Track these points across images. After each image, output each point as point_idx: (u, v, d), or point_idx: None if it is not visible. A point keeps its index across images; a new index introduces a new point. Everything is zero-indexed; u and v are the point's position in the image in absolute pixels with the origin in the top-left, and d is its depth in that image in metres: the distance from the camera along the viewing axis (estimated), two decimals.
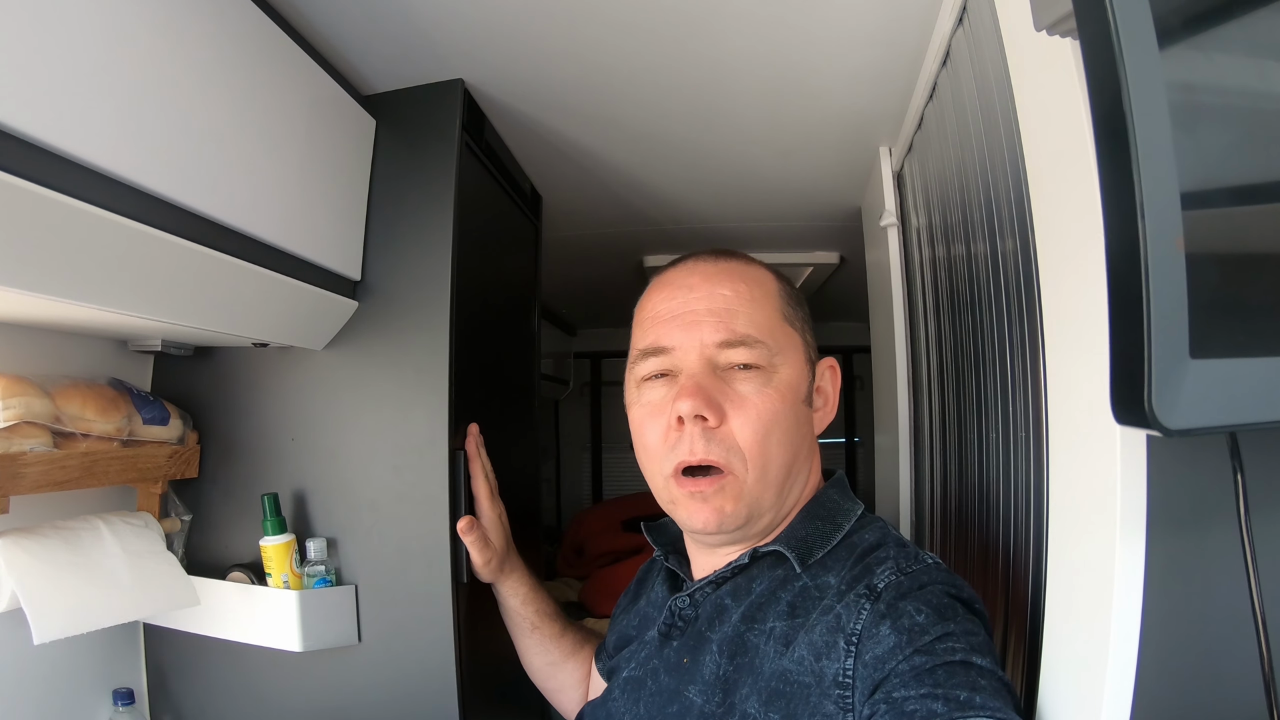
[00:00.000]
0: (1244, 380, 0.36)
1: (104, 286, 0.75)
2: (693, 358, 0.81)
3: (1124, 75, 0.32)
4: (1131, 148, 0.32)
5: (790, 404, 0.82)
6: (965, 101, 0.99)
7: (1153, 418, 0.34)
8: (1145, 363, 0.33)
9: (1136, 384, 0.34)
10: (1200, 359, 0.34)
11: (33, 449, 0.88)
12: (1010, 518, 0.87)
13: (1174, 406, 0.34)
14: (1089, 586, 0.60)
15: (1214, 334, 0.35)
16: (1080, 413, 0.63)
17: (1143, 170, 0.32)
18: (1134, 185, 0.32)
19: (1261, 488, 0.50)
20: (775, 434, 0.80)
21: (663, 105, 1.31)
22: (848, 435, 3.44)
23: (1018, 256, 0.81)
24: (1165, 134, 0.33)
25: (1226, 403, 0.36)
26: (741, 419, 0.79)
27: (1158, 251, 0.32)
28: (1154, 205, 0.32)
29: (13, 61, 0.58)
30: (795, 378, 0.83)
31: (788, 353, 0.83)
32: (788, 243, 2.19)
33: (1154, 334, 0.33)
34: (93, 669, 1.07)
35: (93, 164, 0.66)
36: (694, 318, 0.82)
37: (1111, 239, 0.34)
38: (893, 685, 0.63)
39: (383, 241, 1.14)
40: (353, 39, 1.07)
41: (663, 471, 0.83)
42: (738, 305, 0.82)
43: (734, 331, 0.81)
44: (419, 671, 1.07)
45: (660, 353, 0.83)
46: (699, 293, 0.83)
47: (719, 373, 0.81)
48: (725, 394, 0.80)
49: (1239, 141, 0.38)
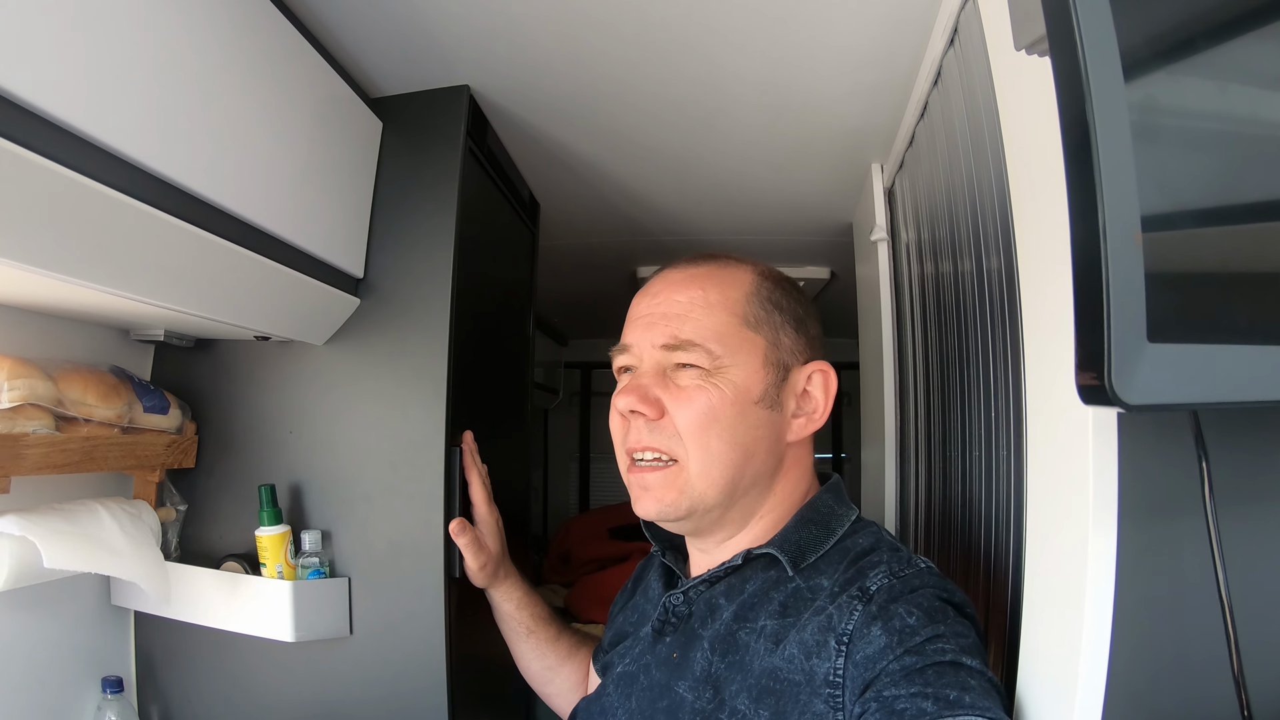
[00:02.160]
0: (1199, 364, 0.40)
1: (118, 269, 0.77)
2: (645, 357, 0.86)
3: (1087, 81, 0.35)
4: (1094, 149, 0.35)
5: (734, 402, 0.82)
6: (955, 120, 1.02)
7: (1113, 395, 0.37)
8: (1105, 344, 0.36)
9: (1098, 364, 0.37)
10: (1158, 343, 0.38)
11: (35, 431, 0.89)
12: (991, 529, 0.89)
13: (1132, 384, 0.37)
14: (1064, 575, 0.62)
15: (1171, 321, 0.38)
16: (1055, 410, 0.65)
17: (1103, 167, 0.35)
18: (1095, 181, 0.35)
19: (1228, 479, 0.54)
20: (715, 429, 0.82)
21: (660, 117, 1.34)
22: (834, 451, 3.46)
23: (1002, 274, 0.84)
24: (1126, 140, 0.36)
25: (1182, 383, 0.39)
26: (680, 410, 0.83)
27: (1116, 243, 0.35)
28: (1113, 200, 0.35)
29: (47, 50, 0.61)
30: (746, 379, 0.84)
31: (740, 355, 0.84)
32: (779, 257, 2.23)
33: (1113, 318, 0.36)
34: (82, 657, 1.08)
35: (114, 148, 0.69)
36: (649, 321, 0.87)
37: (1076, 232, 0.38)
38: (883, 684, 0.65)
39: (386, 241, 1.17)
40: (364, 42, 1.10)
41: (622, 464, 0.88)
42: (689, 310, 0.85)
43: (675, 336, 0.84)
44: (409, 664, 1.08)
45: (624, 350, 0.89)
46: (660, 298, 0.88)
47: (667, 372, 0.85)
48: (666, 389, 0.84)
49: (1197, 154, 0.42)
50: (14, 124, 0.59)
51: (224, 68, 0.83)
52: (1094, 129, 0.35)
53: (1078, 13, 0.35)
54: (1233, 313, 0.43)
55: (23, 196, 0.62)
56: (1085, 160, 0.36)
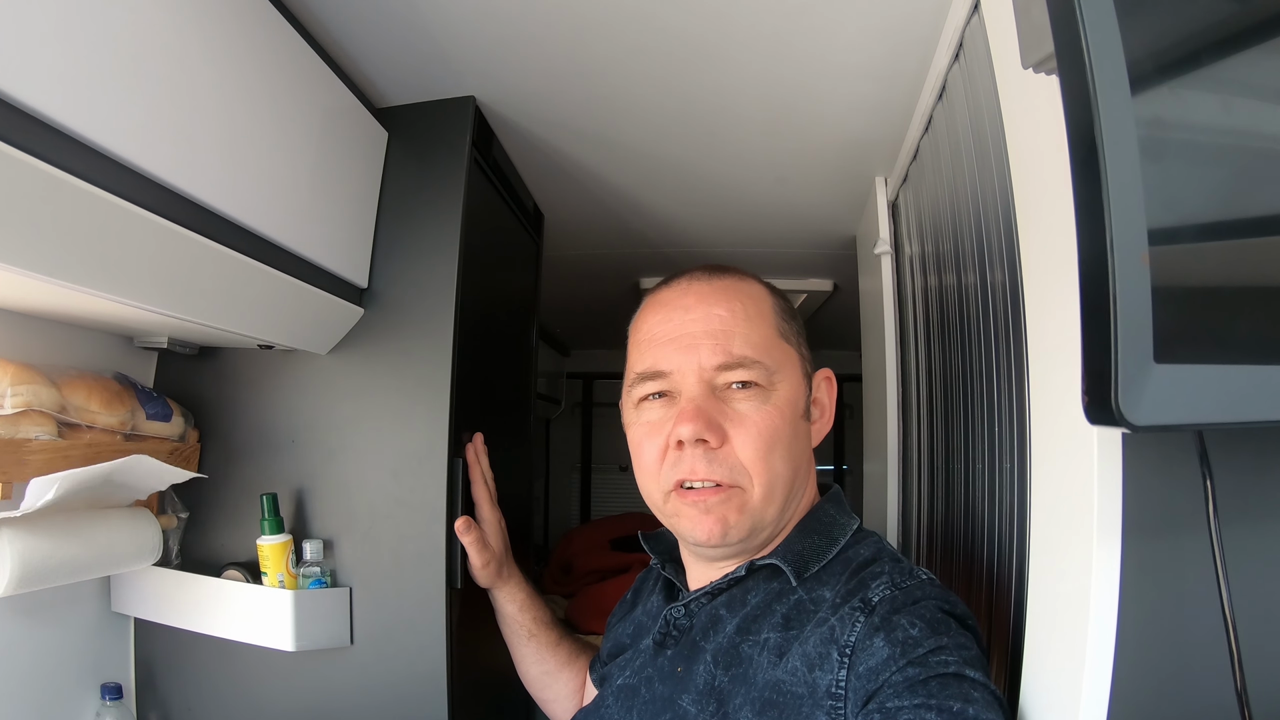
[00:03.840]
0: (1204, 384, 0.40)
1: (127, 277, 0.77)
2: (691, 380, 0.82)
3: (1096, 103, 0.35)
4: (1102, 167, 0.35)
5: (789, 419, 0.83)
6: (959, 135, 1.03)
7: (1119, 415, 0.37)
8: (1112, 365, 0.36)
9: (1105, 384, 0.37)
10: (1164, 364, 0.38)
11: (38, 437, 0.89)
12: (994, 543, 0.89)
13: (1138, 405, 0.37)
14: (1067, 590, 0.62)
15: (1178, 342, 0.38)
16: (1060, 427, 0.65)
17: (1111, 189, 0.35)
18: (1102, 199, 0.35)
19: (1232, 495, 0.54)
20: (778, 450, 0.81)
21: (665, 129, 1.35)
22: (836, 463, 3.45)
23: (1006, 289, 0.84)
24: (1133, 158, 0.36)
25: (1188, 404, 0.39)
26: (743, 438, 0.80)
27: (1124, 264, 0.35)
28: (1120, 218, 0.35)
29: (58, 58, 0.61)
30: (793, 393, 0.84)
31: (785, 369, 0.84)
32: (783, 269, 2.23)
33: (1120, 339, 0.36)
34: (81, 663, 1.07)
35: (123, 158, 0.69)
36: (691, 340, 0.83)
37: (1083, 250, 0.38)
38: (886, 695, 0.64)
39: (390, 251, 1.17)
40: (371, 53, 1.11)
41: (662, 488, 0.84)
42: (734, 325, 0.83)
43: (731, 354, 0.81)
44: (409, 675, 1.07)
45: (658, 377, 0.84)
46: (695, 314, 0.84)
47: (718, 393, 0.82)
48: (725, 414, 0.81)
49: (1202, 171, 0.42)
50: (31, 136, 0.60)
51: (232, 78, 0.84)
52: (1102, 147, 0.35)
53: (1086, 31, 0.35)
54: (1239, 333, 0.43)
55: (35, 205, 0.63)
56: (1093, 178, 0.36)
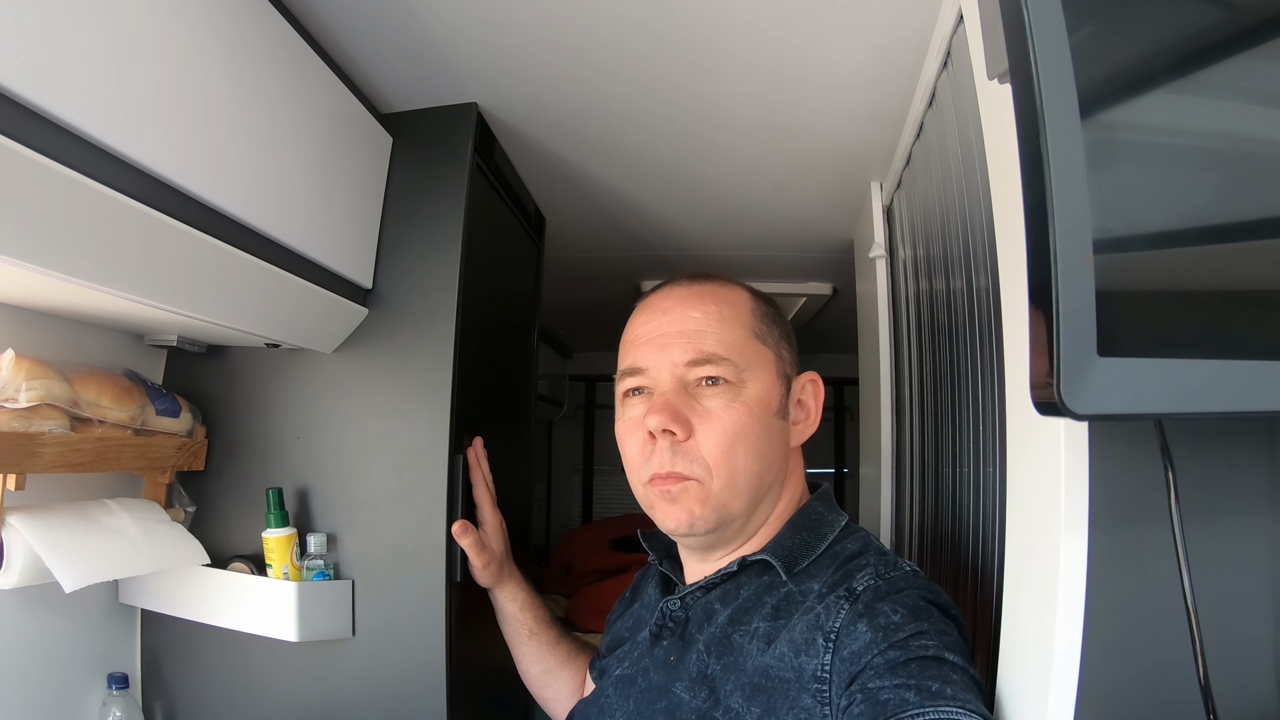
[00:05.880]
0: (1149, 376, 0.42)
1: (139, 276, 0.80)
2: (665, 376, 0.87)
3: (1041, 113, 0.37)
4: (1046, 173, 0.37)
5: (759, 417, 0.86)
6: (947, 141, 1.05)
7: (1063, 405, 0.39)
8: (1054, 358, 0.39)
9: (1049, 376, 0.39)
10: (1107, 357, 0.40)
11: (51, 430, 0.92)
12: (979, 541, 0.91)
13: (1081, 395, 0.39)
14: (1039, 580, 0.65)
15: (1122, 336, 0.40)
16: (1030, 423, 0.68)
17: (1055, 192, 0.37)
18: (1046, 206, 0.37)
19: (1193, 488, 0.56)
20: (742, 446, 0.84)
21: (664, 134, 1.37)
22: (836, 466, 3.46)
23: (989, 292, 0.86)
24: (1078, 165, 0.38)
25: (1132, 394, 0.41)
26: (708, 432, 0.84)
27: (1067, 263, 0.38)
28: (1064, 223, 0.38)
29: (85, 72, 0.65)
30: (765, 392, 0.87)
31: (757, 368, 0.88)
32: (782, 273, 2.25)
33: (1062, 334, 0.38)
34: (88, 653, 1.10)
35: (135, 160, 0.72)
36: (665, 340, 0.88)
37: (1030, 253, 0.40)
38: (868, 676, 0.67)
39: (394, 253, 1.20)
40: (376, 60, 1.14)
41: (641, 480, 0.89)
42: (706, 326, 0.87)
43: (701, 351, 0.86)
44: (410, 666, 1.10)
45: (637, 373, 0.90)
46: (671, 315, 0.89)
47: (689, 389, 0.86)
48: (693, 409, 0.85)
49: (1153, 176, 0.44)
50: (47, 139, 0.63)
51: (243, 86, 0.87)
52: (1047, 157, 0.37)
53: (1034, 46, 0.38)
54: (1184, 328, 0.45)
55: (50, 205, 0.66)
56: (1038, 184, 0.38)
